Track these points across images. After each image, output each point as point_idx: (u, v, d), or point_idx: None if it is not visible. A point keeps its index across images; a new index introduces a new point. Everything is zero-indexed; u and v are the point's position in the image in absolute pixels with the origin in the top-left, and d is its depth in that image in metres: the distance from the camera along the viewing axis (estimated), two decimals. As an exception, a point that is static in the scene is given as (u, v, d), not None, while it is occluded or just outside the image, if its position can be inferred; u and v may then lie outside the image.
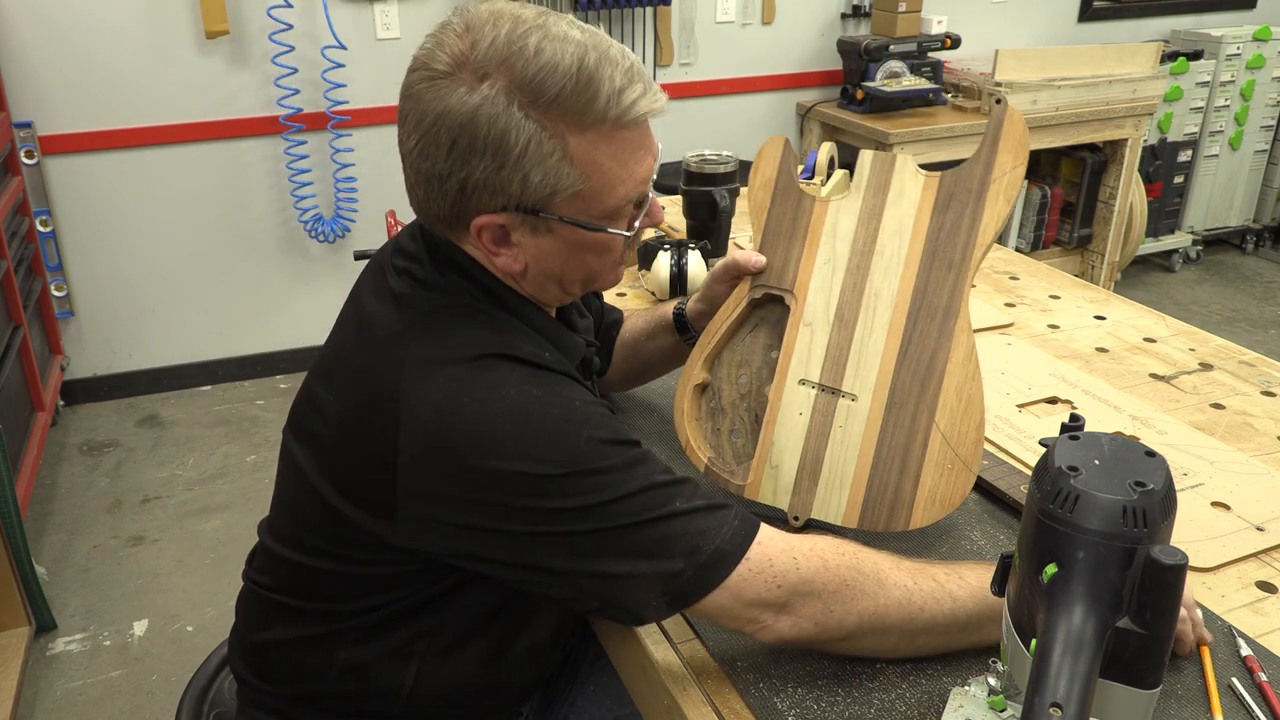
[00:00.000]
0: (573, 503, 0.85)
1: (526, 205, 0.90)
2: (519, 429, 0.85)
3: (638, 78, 0.89)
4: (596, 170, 0.89)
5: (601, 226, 0.93)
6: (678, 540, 0.86)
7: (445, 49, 0.87)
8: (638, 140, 0.91)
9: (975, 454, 1.03)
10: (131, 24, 3.02)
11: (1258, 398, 1.42)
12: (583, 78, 0.86)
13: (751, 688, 0.91)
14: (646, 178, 0.94)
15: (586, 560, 0.87)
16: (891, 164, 1.11)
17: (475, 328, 0.92)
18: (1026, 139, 1.08)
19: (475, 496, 0.86)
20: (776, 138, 1.19)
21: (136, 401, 3.38)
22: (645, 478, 0.87)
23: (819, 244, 1.12)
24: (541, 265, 0.95)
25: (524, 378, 0.89)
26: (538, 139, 0.86)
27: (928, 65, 3.74)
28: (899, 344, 1.06)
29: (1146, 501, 0.68)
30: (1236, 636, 0.96)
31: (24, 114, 3.00)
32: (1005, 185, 1.07)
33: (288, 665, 1.05)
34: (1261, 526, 1.12)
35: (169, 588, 2.48)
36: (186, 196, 3.24)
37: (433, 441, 0.86)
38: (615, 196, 0.91)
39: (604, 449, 0.87)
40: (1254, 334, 3.96)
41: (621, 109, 0.88)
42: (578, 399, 0.90)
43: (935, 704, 0.88)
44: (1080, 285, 1.81)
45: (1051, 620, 0.68)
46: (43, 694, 2.16)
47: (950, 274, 1.06)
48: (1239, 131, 4.44)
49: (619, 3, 3.41)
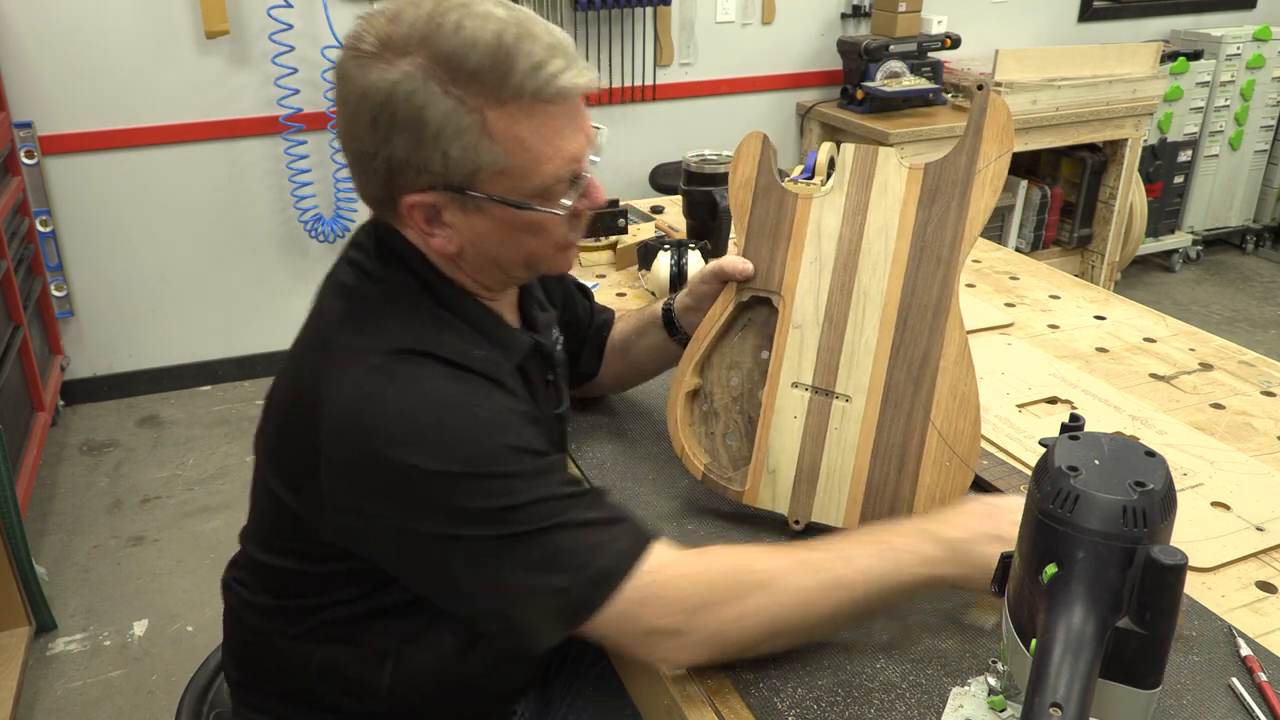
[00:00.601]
0: (475, 504, 0.86)
1: (453, 183, 0.90)
2: (432, 423, 0.86)
3: (559, 53, 0.88)
4: (520, 146, 0.88)
5: (530, 204, 0.92)
6: (568, 554, 0.87)
7: (372, 29, 0.88)
8: (564, 117, 0.90)
9: (973, 450, 1.02)
10: (131, 24, 3.02)
11: (1258, 398, 1.42)
12: (501, 52, 0.85)
13: (751, 688, 0.90)
14: (577, 156, 0.92)
15: (482, 566, 0.87)
16: (874, 157, 1.08)
17: (407, 322, 0.93)
18: (1011, 126, 1.05)
19: (383, 487, 0.87)
20: (755, 133, 1.14)
21: (136, 401, 3.38)
22: (547, 487, 0.88)
23: (804, 243, 1.10)
24: (478, 246, 0.95)
25: (444, 375, 0.89)
26: (455, 114, 0.86)
27: (928, 65, 3.74)
28: (890, 343, 1.05)
29: (1146, 501, 0.68)
30: (1236, 636, 0.96)
31: (24, 114, 3.00)
32: (991, 175, 1.04)
33: (271, 665, 1.06)
34: (1261, 526, 1.12)
35: (169, 588, 2.48)
36: (186, 196, 3.24)
37: (348, 429, 0.87)
38: (543, 174, 0.90)
39: (512, 455, 0.88)
40: (1254, 334, 3.96)
41: (540, 81, 0.86)
42: (494, 403, 0.90)
43: (935, 704, 0.88)
44: (1080, 285, 1.81)
45: (1051, 620, 0.68)
46: (43, 694, 2.16)
47: (939, 269, 1.04)
48: (1239, 131, 4.44)
49: (619, 3, 3.41)
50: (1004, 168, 1.04)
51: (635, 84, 3.65)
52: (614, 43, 3.57)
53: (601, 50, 3.56)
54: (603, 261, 1.89)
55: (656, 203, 2.23)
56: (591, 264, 1.89)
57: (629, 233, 1.85)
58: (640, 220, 2.10)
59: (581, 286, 1.34)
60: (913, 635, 0.97)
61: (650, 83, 3.67)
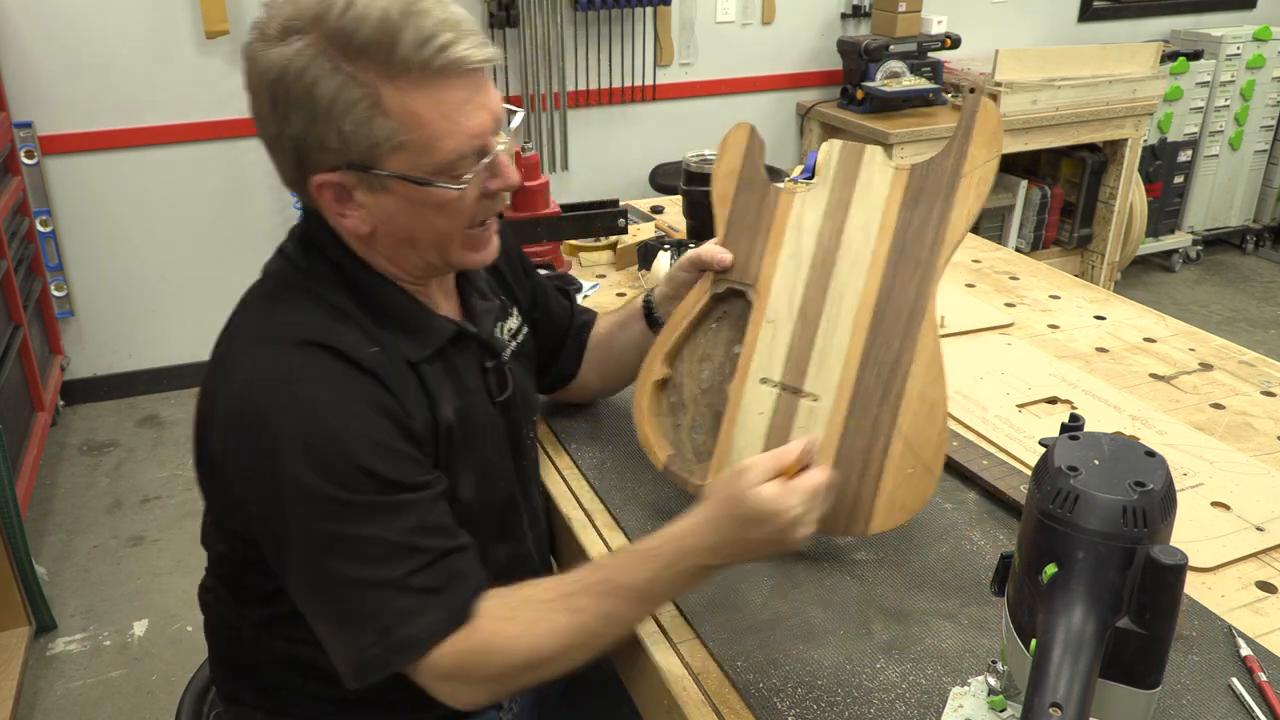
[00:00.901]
0: (312, 518, 0.88)
1: (355, 161, 0.90)
2: (295, 425, 0.88)
3: (449, 27, 0.88)
4: (416, 121, 0.88)
5: (432, 181, 0.91)
6: (373, 616, 0.88)
7: (276, 14, 0.89)
8: (463, 92, 0.90)
9: (937, 459, 0.99)
10: (131, 24, 3.02)
11: (1258, 398, 1.42)
12: (388, 26, 0.86)
13: (751, 688, 0.90)
14: (480, 132, 0.92)
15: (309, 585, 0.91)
16: (860, 155, 1.06)
17: (309, 310, 0.95)
18: (1000, 130, 1.02)
19: (250, 472, 0.90)
20: (742, 124, 1.13)
21: (136, 401, 3.38)
22: (384, 528, 0.89)
23: (784, 238, 1.08)
24: (389, 227, 0.95)
25: (325, 376, 0.90)
26: (345, 89, 0.87)
27: (928, 65, 3.74)
28: (863, 344, 1.03)
29: (1146, 501, 0.68)
30: (1236, 636, 0.96)
31: (24, 114, 3.00)
32: (977, 179, 1.02)
33: (243, 660, 1.08)
34: (1261, 526, 1.12)
35: (169, 588, 2.48)
36: (186, 196, 3.24)
37: (230, 417, 0.91)
38: (444, 150, 0.90)
39: (359, 478, 0.88)
40: (1254, 334, 3.96)
41: (427, 54, 0.86)
42: (364, 420, 0.90)
43: (935, 704, 0.88)
44: (1080, 285, 1.81)
45: (1051, 620, 0.68)
46: (43, 694, 2.16)
47: (917, 272, 1.02)
48: (1239, 131, 4.44)
49: (619, 3, 3.41)
50: (991, 173, 1.02)
51: (635, 84, 3.65)
52: (614, 43, 3.57)
53: (601, 50, 3.56)
54: (603, 261, 1.89)
55: (656, 203, 2.23)
56: (591, 264, 1.89)
57: (629, 233, 1.85)
58: (640, 220, 2.10)
59: (562, 288, 1.34)
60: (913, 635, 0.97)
61: (650, 83, 3.67)
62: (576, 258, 1.90)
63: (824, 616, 0.99)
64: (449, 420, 0.99)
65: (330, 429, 0.88)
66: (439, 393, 0.99)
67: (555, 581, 0.94)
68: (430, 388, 0.98)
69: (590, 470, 1.24)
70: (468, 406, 1.02)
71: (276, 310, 0.96)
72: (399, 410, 0.93)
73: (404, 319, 0.99)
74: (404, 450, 0.92)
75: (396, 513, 0.90)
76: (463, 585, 0.92)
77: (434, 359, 1.00)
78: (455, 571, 0.92)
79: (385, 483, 0.89)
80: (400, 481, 0.90)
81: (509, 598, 0.93)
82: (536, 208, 1.70)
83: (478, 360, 1.07)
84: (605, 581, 0.91)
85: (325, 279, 0.97)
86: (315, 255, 0.99)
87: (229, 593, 1.06)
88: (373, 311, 0.97)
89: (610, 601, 0.91)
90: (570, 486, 1.23)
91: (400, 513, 0.90)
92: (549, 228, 1.71)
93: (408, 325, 0.99)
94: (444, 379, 1.00)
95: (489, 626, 0.91)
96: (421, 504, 0.92)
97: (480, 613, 0.92)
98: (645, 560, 0.91)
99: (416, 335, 0.99)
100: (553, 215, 1.70)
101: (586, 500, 1.20)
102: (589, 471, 1.24)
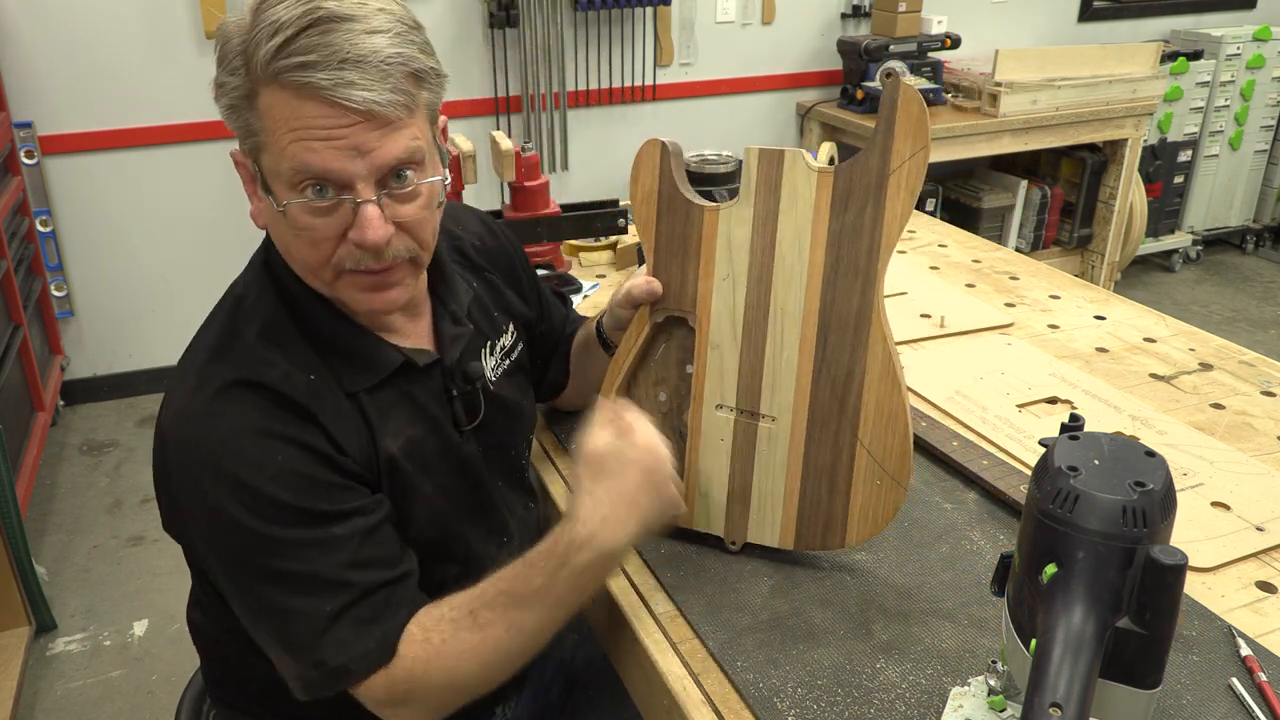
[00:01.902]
0: (244, 550, 0.90)
1: (243, 146, 0.91)
2: (219, 462, 0.89)
3: (335, 52, 0.84)
4: (270, 125, 0.87)
5: (269, 186, 0.90)
6: (309, 645, 0.90)
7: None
8: (322, 120, 0.85)
9: (903, 468, 0.99)
10: (131, 24, 3.02)
11: (1258, 398, 1.42)
12: (265, 24, 0.85)
13: (751, 688, 0.90)
14: (318, 168, 0.86)
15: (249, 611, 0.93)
16: (780, 161, 0.98)
17: (248, 340, 0.95)
18: (925, 118, 0.93)
19: (184, 502, 0.92)
20: (652, 141, 1.03)
21: (136, 401, 3.38)
22: (316, 562, 0.90)
23: (715, 259, 1.03)
24: (273, 230, 0.96)
25: (247, 413, 0.90)
26: (235, 72, 0.87)
27: (928, 65, 3.74)
28: (812, 361, 1.00)
29: (1146, 501, 0.68)
30: (1236, 636, 0.96)
31: (24, 114, 3.00)
32: (906, 175, 0.94)
33: (231, 674, 1.09)
34: (1261, 526, 1.12)
35: (169, 588, 2.48)
36: (187, 196, 3.24)
37: (162, 448, 0.94)
38: (279, 163, 0.88)
39: (285, 513, 0.89)
40: (1254, 334, 3.96)
41: (282, 65, 0.84)
42: (285, 453, 0.90)
43: (935, 704, 0.88)
44: (1080, 285, 1.81)
45: (1051, 620, 0.68)
46: (43, 694, 2.16)
47: (858, 280, 0.97)
48: (1239, 131, 4.44)
49: (619, 3, 3.41)
50: (920, 166, 0.94)
51: (635, 84, 3.65)
52: (614, 43, 3.57)
53: (601, 50, 3.56)
54: (603, 261, 1.89)
55: (656, 203, 2.23)
56: (591, 264, 1.89)
57: (629, 233, 1.85)
58: (640, 220, 2.09)
59: (560, 294, 1.33)
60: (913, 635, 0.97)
61: (650, 83, 3.67)
62: (576, 258, 1.90)
63: (824, 616, 0.99)
64: (391, 452, 0.97)
65: (253, 465, 0.88)
66: (382, 424, 0.97)
67: (464, 597, 0.94)
68: (370, 418, 0.97)
69: (590, 470, 1.24)
70: (422, 436, 1.01)
71: (219, 336, 0.96)
72: (326, 442, 0.93)
73: (346, 348, 0.98)
74: (331, 480, 0.92)
75: (327, 546, 0.90)
76: (396, 615, 0.93)
77: (379, 389, 0.98)
78: (390, 602, 0.93)
79: (312, 515, 0.90)
80: (328, 512, 0.90)
81: (426, 618, 0.94)
82: (536, 208, 1.70)
83: (441, 387, 1.04)
84: (504, 594, 0.92)
85: (271, 303, 0.97)
86: (267, 279, 0.98)
87: (212, 606, 1.05)
88: (313, 340, 0.96)
89: (513, 613, 0.92)
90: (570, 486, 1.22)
91: (331, 546, 0.90)
92: (549, 228, 1.71)
93: (349, 355, 0.97)
94: (392, 408, 0.99)
95: (409, 652, 0.92)
96: (354, 536, 0.92)
97: (403, 638, 0.93)
98: (538, 563, 0.92)
99: (358, 365, 0.98)
100: (553, 215, 1.71)
101: (586, 500, 1.19)
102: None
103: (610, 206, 1.77)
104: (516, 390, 1.16)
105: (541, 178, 1.71)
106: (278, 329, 0.95)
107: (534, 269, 1.27)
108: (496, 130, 2.74)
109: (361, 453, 0.95)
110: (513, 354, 1.16)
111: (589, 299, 1.72)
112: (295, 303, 0.97)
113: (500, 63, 3.44)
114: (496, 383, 1.12)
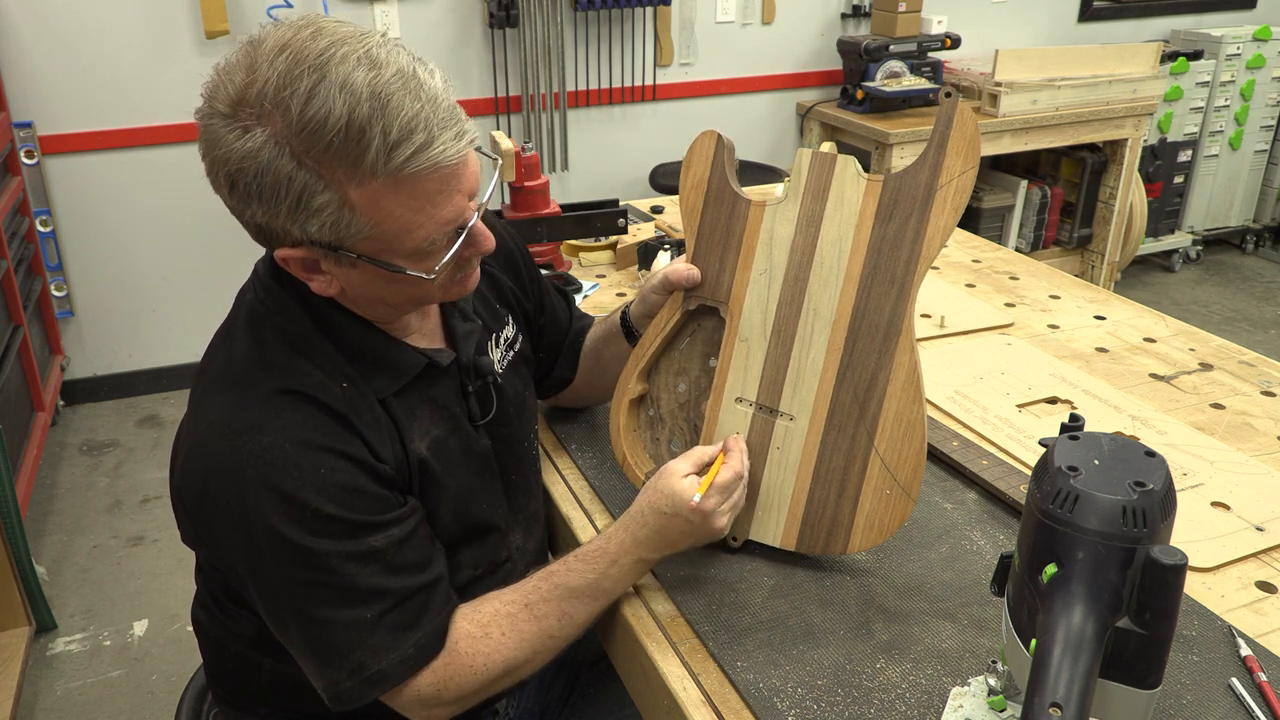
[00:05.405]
0: (282, 564, 0.89)
1: (322, 243, 0.87)
2: (260, 475, 0.88)
3: (421, 128, 0.82)
4: (387, 217, 0.85)
5: (402, 268, 0.89)
6: (346, 654, 0.91)
7: (227, 86, 0.82)
8: (436, 185, 0.85)
9: (915, 479, 0.99)
10: (131, 24, 3.02)
11: (1258, 398, 1.42)
12: (352, 132, 0.80)
13: (751, 688, 0.90)
14: (453, 218, 0.88)
15: (282, 622, 0.93)
16: (831, 166, 1.01)
17: (278, 348, 0.93)
18: (978, 139, 0.97)
19: (219, 515, 0.91)
20: (709, 132, 1.07)
21: (136, 401, 3.38)
22: (354, 572, 0.90)
23: (755, 253, 1.04)
24: (358, 291, 0.94)
25: (289, 425, 0.89)
26: (311, 189, 0.82)
27: (928, 65, 3.74)
28: (838, 364, 1.01)
29: (1146, 501, 0.68)
30: (1236, 636, 0.96)
31: (24, 114, 3.00)
32: (953, 192, 0.97)
33: (236, 675, 1.09)
34: (1261, 526, 1.12)
35: (169, 588, 2.48)
36: (187, 196, 3.24)
37: (196, 461, 0.92)
38: (414, 239, 0.87)
39: (327, 525, 0.89)
40: (1254, 334, 3.96)
41: (395, 164, 0.82)
42: (331, 466, 0.89)
43: (935, 704, 0.88)
44: (1080, 285, 1.81)
45: (1051, 620, 0.68)
46: (43, 694, 2.16)
47: (893, 289, 0.99)
48: (1239, 131, 4.44)
49: (619, 3, 3.41)
50: (968, 184, 0.97)
51: (635, 84, 3.65)
52: (614, 43, 3.57)
53: (601, 50, 3.56)
54: (603, 261, 1.89)
55: (656, 203, 2.23)
56: (591, 264, 1.89)
57: (629, 233, 1.85)
58: (640, 220, 2.10)
59: (562, 291, 1.33)
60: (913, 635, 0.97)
61: (650, 83, 3.67)
62: (576, 258, 1.90)
63: (824, 616, 0.99)
64: (421, 454, 0.98)
65: (296, 479, 0.88)
66: (409, 426, 0.98)
67: (515, 592, 0.99)
68: (400, 422, 0.97)
69: (590, 470, 1.24)
70: (445, 435, 1.02)
71: (248, 349, 0.95)
72: (366, 452, 0.93)
73: (373, 354, 0.97)
74: (372, 491, 0.92)
75: (365, 557, 0.91)
76: (434, 618, 0.94)
77: (404, 391, 0.99)
78: (426, 606, 0.94)
79: (353, 526, 0.90)
80: (368, 523, 0.91)
81: (477, 615, 0.98)
82: (536, 208, 1.70)
83: (458, 385, 1.05)
84: (559, 587, 0.99)
85: (294, 314, 0.95)
86: (281, 290, 0.97)
87: (218, 609, 1.06)
88: (341, 347, 0.96)
89: (566, 604, 0.99)
90: (570, 486, 1.23)
91: (369, 557, 0.91)
92: (549, 228, 1.71)
93: (376, 359, 0.97)
94: (417, 410, 1.00)
95: (465, 648, 0.95)
96: (390, 547, 0.92)
97: (455, 636, 0.95)
98: (591, 562, 1.00)
99: (385, 370, 0.98)
100: (553, 215, 1.71)
101: (586, 500, 1.20)
102: (589, 471, 1.24)
103: (610, 206, 1.77)
104: (520, 381, 1.17)
105: (541, 178, 1.71)
106: (305, 339, 0.95)
107: (536, 264, 1.28)
108: (496, 130, 2.74)
109: (395, 458, 0.96)
110: (515, 345, 1.17)
111: (589, 299, 1.72)
112: (316, 312, 0.96)
113: (500, 63, 3.44)
114: (503, 375, 1.12)
